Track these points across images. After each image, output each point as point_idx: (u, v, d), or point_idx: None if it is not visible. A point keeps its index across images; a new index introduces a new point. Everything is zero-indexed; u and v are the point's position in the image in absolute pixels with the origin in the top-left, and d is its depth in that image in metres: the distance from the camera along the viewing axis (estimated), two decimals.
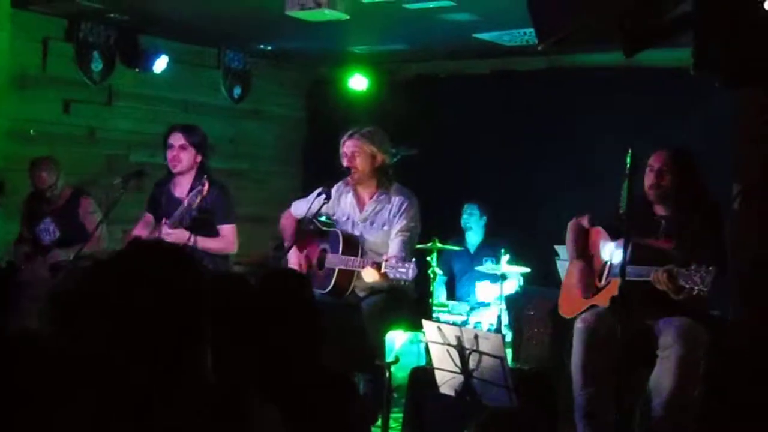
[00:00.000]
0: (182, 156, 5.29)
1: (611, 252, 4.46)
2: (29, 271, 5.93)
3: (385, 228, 5.05)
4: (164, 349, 1.75)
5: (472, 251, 6.88)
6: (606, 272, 4.45)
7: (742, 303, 4.03)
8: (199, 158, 5.34)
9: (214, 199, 5.17)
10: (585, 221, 4.72)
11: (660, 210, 4.42)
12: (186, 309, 1.80)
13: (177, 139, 5.32)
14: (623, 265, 3.72)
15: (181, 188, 5.34)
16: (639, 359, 4.15)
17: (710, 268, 3.85)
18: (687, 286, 3.92)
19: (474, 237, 6.96)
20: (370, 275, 4.73)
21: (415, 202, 5.08)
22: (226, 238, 5.30)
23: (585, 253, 4.63)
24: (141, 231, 5.50)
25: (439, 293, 6.50)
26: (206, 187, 4.98)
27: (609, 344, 4.16)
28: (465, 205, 6.95)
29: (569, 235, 4.72)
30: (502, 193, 7.16)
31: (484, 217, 6.91)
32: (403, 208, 5.02)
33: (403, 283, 4.70)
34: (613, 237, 4.47)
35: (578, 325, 4.35)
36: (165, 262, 1.83)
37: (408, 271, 4.54)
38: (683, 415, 4.06)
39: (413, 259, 4.64)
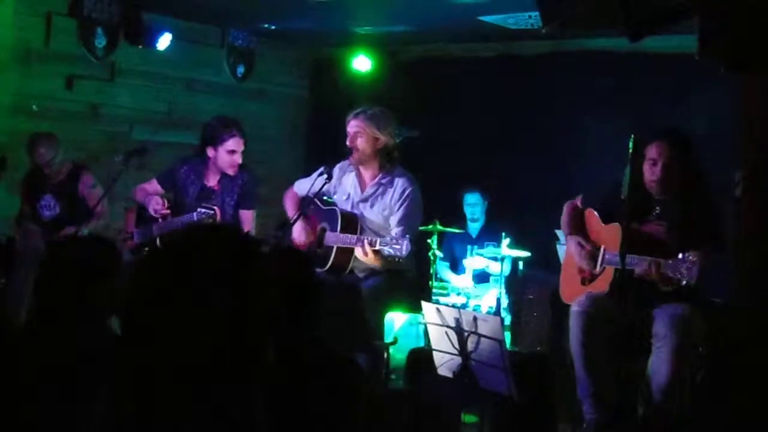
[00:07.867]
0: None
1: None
2: (22, 239, 5.93)
3: (386, 213, 5.03)
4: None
5: (474, 235, 6.86)
6: (600, 259, 4.45)
7: (742, 289, 4.04)
8: None
9: (243, 184, 5.38)
10: (579, 202, 4.73)
11: (656, 194, 4.42)
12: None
13: (239, 145, 5.30)
14: (623, 251, 3.73)
15: (214, 178, 5.39)
16: (635, 346, 4.17)
17: (694, 259, 3.86)
18: (674, 277, 3.94)
19: (476, 222, 6.95)
20: (362, 254, 4.73)
21: (417, 189, 5.04)
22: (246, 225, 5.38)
23: (581, 231, 4.63)
24: (156, 200, 5.38)
25: (443, 274, 6.59)
26: (218, 213, 5.06)
27: (606, 329, 4.19)
28: (466, 195, 6.86)
29: (564, 216, 4.74)
30: (504, 176, 7.14)
31: (486, 203, 6.88)
32: (405, 194, 4.99)
33: (397, 260, 4.69)
34: (605, 220, 4.49)
35: (574, 308, 4.37)
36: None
37: (402, 248, 4.54)
38: (681, 401, 4.09)
39: (407, 236, 4.63)
